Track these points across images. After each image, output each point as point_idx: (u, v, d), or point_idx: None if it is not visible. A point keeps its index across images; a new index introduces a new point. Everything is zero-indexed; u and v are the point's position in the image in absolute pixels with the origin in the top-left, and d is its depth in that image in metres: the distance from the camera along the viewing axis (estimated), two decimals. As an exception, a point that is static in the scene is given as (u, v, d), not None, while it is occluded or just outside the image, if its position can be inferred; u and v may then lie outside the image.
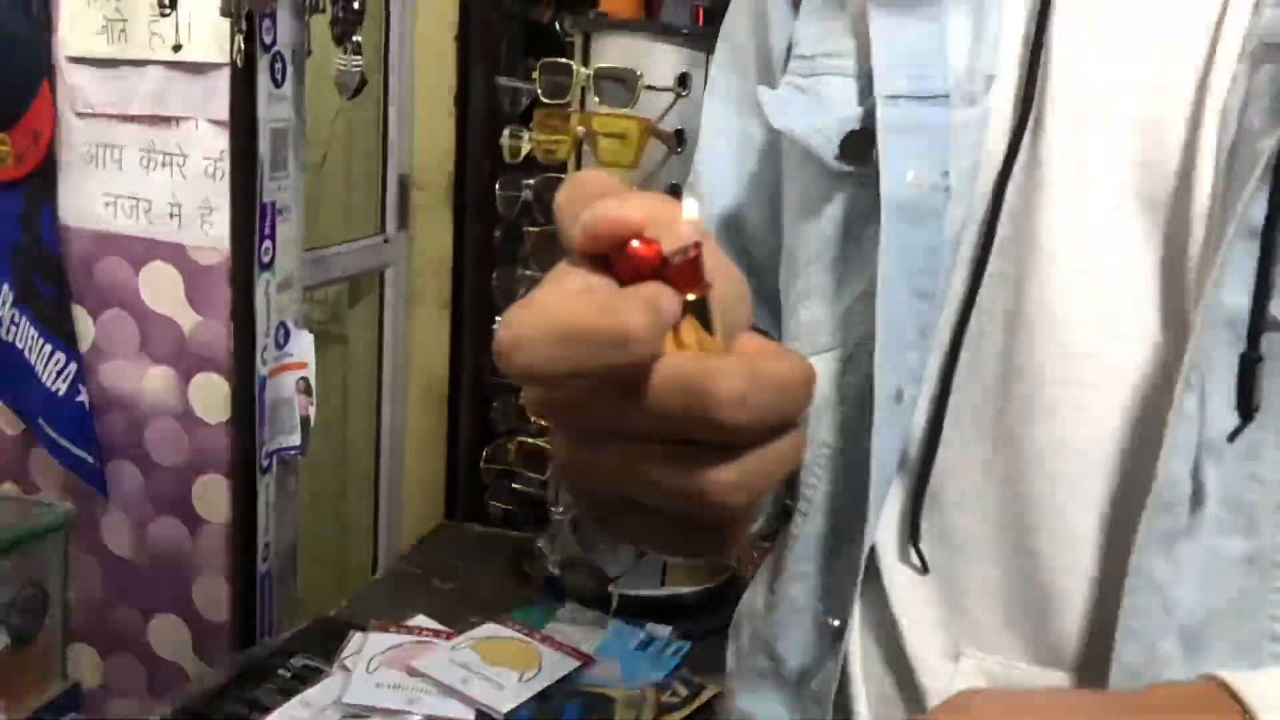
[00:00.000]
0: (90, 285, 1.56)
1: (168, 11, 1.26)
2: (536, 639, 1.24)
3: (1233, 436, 0.45)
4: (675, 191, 1.15)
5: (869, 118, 0.55)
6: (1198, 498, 0.46)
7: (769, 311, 0.65)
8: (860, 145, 0.56)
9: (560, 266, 0.32)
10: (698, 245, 0.30)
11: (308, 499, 1.74)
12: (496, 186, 1.37)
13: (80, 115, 1.51)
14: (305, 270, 1.62)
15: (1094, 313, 0.50)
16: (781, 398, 0.30)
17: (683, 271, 0.30)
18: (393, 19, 2.06)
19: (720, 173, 0.67)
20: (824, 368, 0.59)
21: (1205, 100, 0.47)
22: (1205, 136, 0.47)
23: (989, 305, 0.53)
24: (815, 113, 0.58)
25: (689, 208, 0.32)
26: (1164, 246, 0.49)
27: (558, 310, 0.29)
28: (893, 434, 0.54)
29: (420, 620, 1.25)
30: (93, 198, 1.53)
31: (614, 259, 0.30)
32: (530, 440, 1.37)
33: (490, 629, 1.25)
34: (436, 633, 1.23)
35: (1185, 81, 0.48)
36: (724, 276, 0.32)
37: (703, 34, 1.17)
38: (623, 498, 0.32)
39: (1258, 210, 0.44)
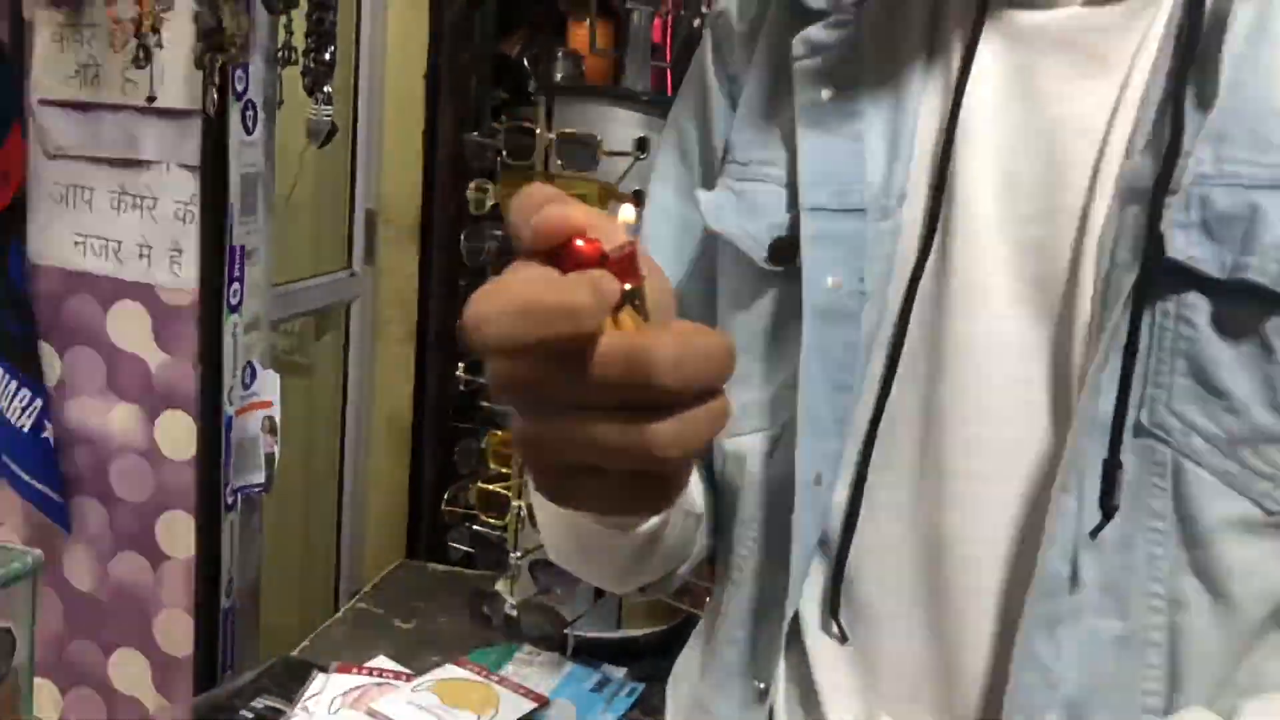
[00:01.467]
0: (58, 323, 1.60)
1: (143, 65, 1.30)
2: (494, 680, 1.28)
3: (1094, 534, 0.51)
4: (638, 196, 1.23)
5: (795, 225, 0.61)
6: (1078, 584, 0.52)
7: None
8: (787, 249, 0.62)
9: (514, 264, 0.37)
10: (632, 243, 0.36)
11: (270, 533, 1.78)
12: (462, 237, 1.43)
13: (51, 156, 1.55)
14: (272, 304, 1.66)
15: (994, 412, 0.56)
16: (709, 365, 0.36)
17: (619, 265, 0.35)
18: (363, 56, 2.11)
19: (662, 254, 0.72)
20: (753, 448, 0.64)
21: (1086, 229, 0.54)
22: (1086, 261, 0.53)
23: (902, 400, 0.59)
24: (747, 217, 0.64)
25: (625, 211, 0.38)
26: (1053, 355, 0.55)
27: (516, 290, 0.34)
28: (812, 514, 0.60)
29: (381, 661, 1.29)
30: (62, 237, 1.57)
31: (560, 255, 0.35)
32: (490, 486, 1.42)
33: (449, 670, 1.29)
34: (397, 674, 1.27)
35: (1070, 211, 0.54)
36: (655, 275, 0.38)
37: (661, 100, 1.23)
38: (576, 465, 0.37)
39: (1124, 332, 0.50)
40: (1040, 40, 0.57)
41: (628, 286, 0.36)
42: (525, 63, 2.92)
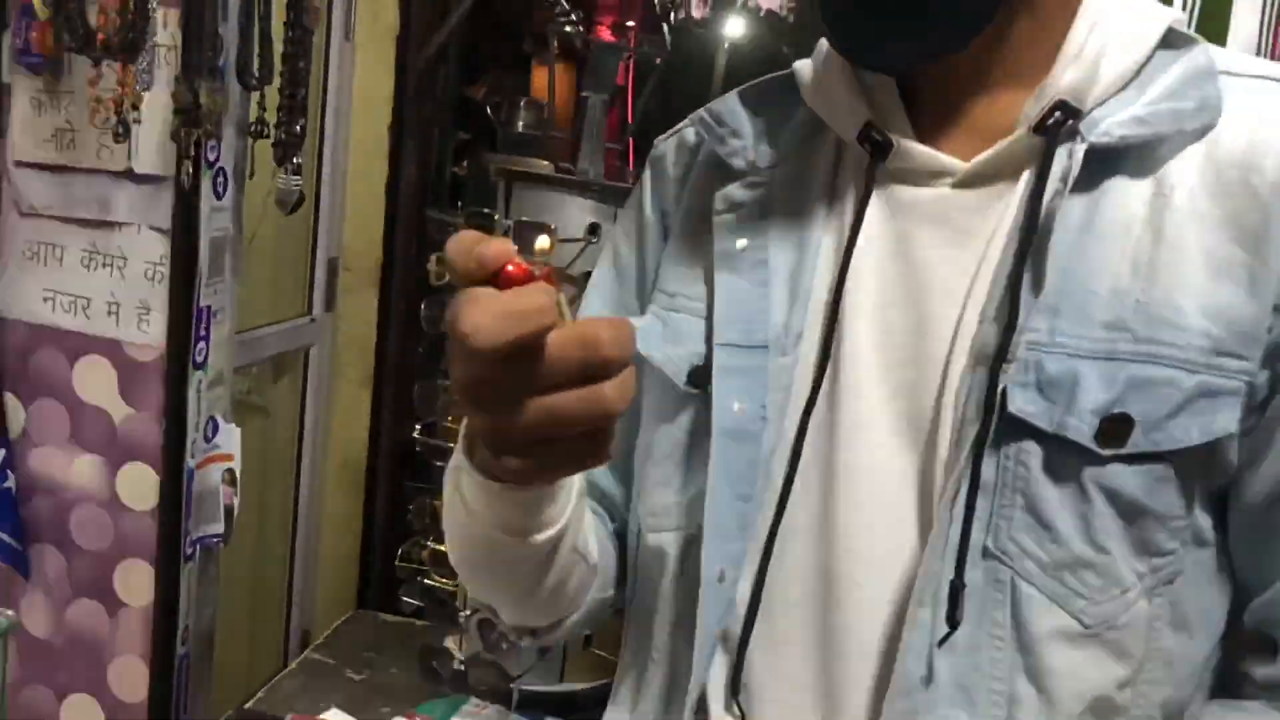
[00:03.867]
0: (24, 375, 1.67)
1: (121, 140, 1.39)
2: (441, 732, 1.38)
3: (941, 642, 0.62)
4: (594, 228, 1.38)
5: (710, 355, 0.72)
6: (933, 681, 0.63)
7: (623, 471, 0.81)
8: (702, 376, 0.73)
9: (463, 291, 0.48)
10: (549, 264, 0.49)
11: (222, 576, 1.85)
12: (422, 306, 1.53)
13: (25, 215, 1.63)
14: (233, 353, 1.75)
15: (872, 527, 0.67)
16: (630, 339, 0.49)
17: (544, 281, 0.48)
18: (329, 106, 2.20)
19: None
20: (671, 544, 0.75)
21: (947, 378, 0.65)
22: (946, 406, 0.65)
23: (797, 511, 0.69)
24: (671, 344, 0.75)
25: (541, 241, 0.51)
26: (919, 483, 0.66)
27: (493, 303, 0.46)
28: (716, 607, 0.70)
29: (334, 714, 1.38)
30: (32, 292, 1.65)
31: (498, 278, 0.48)
32: (443, 547, 1.51)
33: (398, 722, 1.38)
34: (348, 726, 1.36)
35: (935, 361, 0.66)
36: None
37: (612, 190, 1.34)
38: (537, 441, 0.49)
39: (969, 476, 0.62)
40: (916, 213, 0.68)
41: None
42: (489, 110, 3.03)
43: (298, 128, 1.54)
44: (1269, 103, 0.63)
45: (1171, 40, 0.65)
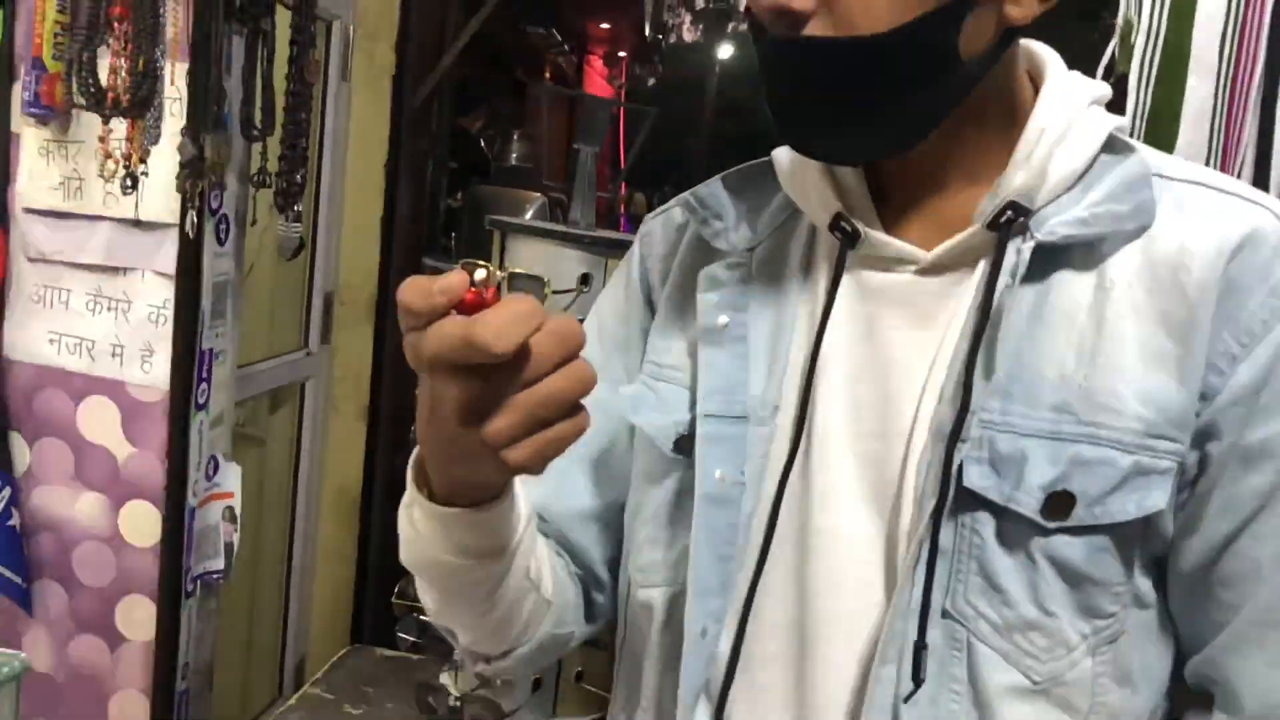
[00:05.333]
0: (29, 414, 1.73)
1: (129, 191, 1.46)
2: (437, 767, 1.43)
3: (907, 699, 0.68)
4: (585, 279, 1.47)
5: (694, 423, 0.79)
6: (899, 731, 0.70)
7: (610, 529, 0.87)
8: (687, 443, 0.79)
9: (436, 326, 0.54)
10: (495, 287, 0.57)
11: (220, 609, 1.90)
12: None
13: (31, 260, 1.69)
14: (234, 392, 1.80)
15: (841, 588, 0.73)
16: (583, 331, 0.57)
17: (496, 298, 0.56)
18: (326, 145, 2.27)
19: None
20: (659, 599, 0.81)
21: (910, 450, 0.72)
22: (909, 476, 0.71)
23: (774, 572, 0.76)
24: (658, 412, 0.81)
25: (479, 274, 0.58)
26: (885, 547, 0.73)
27: (497, 314, 0.53)
28: (698, 661, 0.76)
29: (332, 749, 1.43)
30: (38, 335, 1.71)
31: (461, 305, 0.55)
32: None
33: (395, 758, 1.44)
34: (346, 762, 1.41)
35: (899, 435, 0.72)
36: None
37: (603, 241, 1.41)
38: (533, 429, 0.56)
39: (929, 543, 0.68)
40: (883, 296, 0.75)
41: None
42: (483, 143, 3.11)
43: (298, 177, 1.60)
44: (1197, 206, 0.69)
45: (1113, 145, 0.72)
